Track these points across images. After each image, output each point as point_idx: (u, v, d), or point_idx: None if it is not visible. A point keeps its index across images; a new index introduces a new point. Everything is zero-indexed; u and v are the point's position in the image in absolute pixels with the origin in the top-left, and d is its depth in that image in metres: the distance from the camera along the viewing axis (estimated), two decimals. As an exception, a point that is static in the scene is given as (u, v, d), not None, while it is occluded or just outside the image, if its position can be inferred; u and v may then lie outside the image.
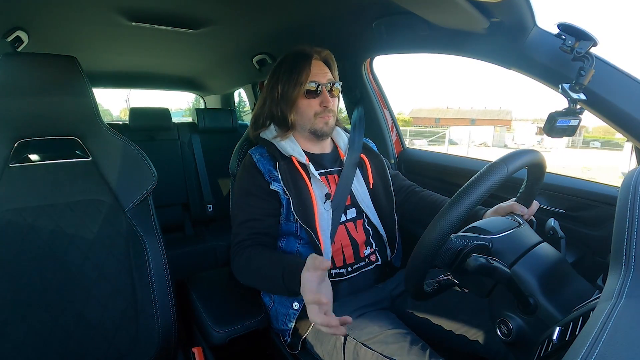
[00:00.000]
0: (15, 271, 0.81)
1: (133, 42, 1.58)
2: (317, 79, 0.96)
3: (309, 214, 0.92)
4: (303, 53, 0.98)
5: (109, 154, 0.95)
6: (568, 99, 0.71)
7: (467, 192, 0.58)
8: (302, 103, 0.97)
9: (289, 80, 0.95)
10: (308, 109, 0.97)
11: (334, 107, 0.99)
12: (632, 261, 0.45)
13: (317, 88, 0.95)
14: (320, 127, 0.98)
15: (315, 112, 0.97)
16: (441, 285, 0.68)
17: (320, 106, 0.96)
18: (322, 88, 0.96)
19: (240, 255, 0.90)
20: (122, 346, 0.89)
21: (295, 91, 0.95)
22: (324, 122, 0.98)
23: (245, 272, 0.89)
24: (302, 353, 0.92)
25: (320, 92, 0.96)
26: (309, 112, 0.97)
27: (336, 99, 1.01)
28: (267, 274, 0.83)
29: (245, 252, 0.89)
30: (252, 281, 0.91)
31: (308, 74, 0.94)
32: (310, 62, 0.96)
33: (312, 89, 0.95)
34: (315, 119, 0.97)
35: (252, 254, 0.88)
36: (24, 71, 0.83)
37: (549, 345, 0.54)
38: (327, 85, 0.97)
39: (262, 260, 0.86)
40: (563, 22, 0.72)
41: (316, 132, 0.99)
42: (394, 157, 1.53)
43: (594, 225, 0.94)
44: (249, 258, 0.88)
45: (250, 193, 0.94)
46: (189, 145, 2.20)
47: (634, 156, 0.83)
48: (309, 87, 0.95)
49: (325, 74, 0.98)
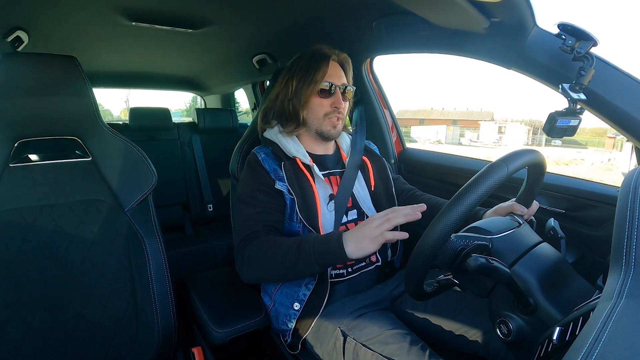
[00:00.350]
0: (15, 271, 0.81)
1: (133, 42, 1.58)
2: (332, 79, 0.96)
3: (313, 214, 0.92)
4: (321, 52, 0.98)
5: (109, 154, 0.95)
6: (568, 99, 0.71)
7: (467, 192, 0.58)
8: (314, 101, 0.97)
9: (305, 77, 0.96)
10: (319, 108, 0.97)
11: (344, 110, 0.99)
12: (632, 261, 0.45)
13: (330, 88, 0.96)
14: (327, 129, 0.98)
15: (325, 113, 0.97)
16: (441, 285, 0.68)
17: (331, 107, 0.97)
18: (336, 89, 0.96)
19: (252, 244, 0.85)
20: (122, 346, 0.89)
21: (309, 88, 0.95)
22: (331, 125, 0.98)
23: (261, 259, 0.83)
24: (302, 353, 0.92)
25: (334, 92, 0.96)
26: (319, 111, 0.97)
27: (347, 102, 1.01)
28: (292, 251, 0.79)
29: (259, 239, 0.86)
30: (268, 269, 0.84)
31: (324, 74, 0.95)
32: (328, 62, 0.96)
33: (326, 89, 0.95)
34: (324, 119, 0.97)
35: (268, 238, 0.85)
36: (24, 71, 0.83)
37: (549, 345, 0.54)
38: (340, 87, 0.97)
39: (282, 240, 0.83)
40: (563, 22, 0.72)
41: (322, 134, 0.99)
42: (394, 157, 1.53)
43: (594, 225, 0.94)
44: (265, 242, 0.84)
45: (257, 189, 0.94)
46: (189, 145, 2.20)
47: (634, 156, 0.83)
48: (323, 87, 0.95)
49: (340, 76, 0.98)
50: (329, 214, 0.94)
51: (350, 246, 0.73)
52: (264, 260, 0.83)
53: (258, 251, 0.84)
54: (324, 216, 0.93)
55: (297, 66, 0.98)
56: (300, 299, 0.91)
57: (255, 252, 0.84)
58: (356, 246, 0.73)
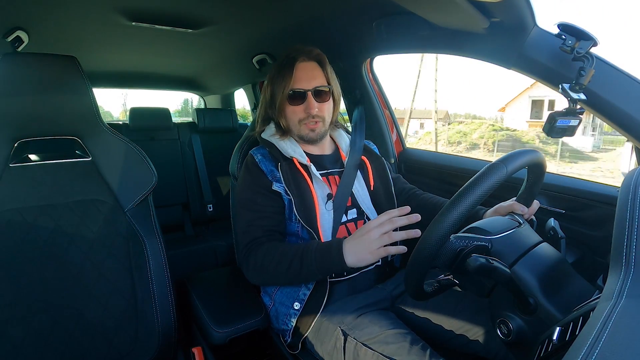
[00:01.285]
0: (15, 271, 0.81)
1: (133, 42, 1.58)
2: (300, 84, 0.93)
3: (311, 214, 0.91)
4: (290, 56, 0.95)
5: (109, 153, 0.95)
6: (568, 99, 0.71)
7: (467, 192, 0.58)
8: (288, 109, 0.96)
9: (276, 84, 0.95)
10: (293, 115, 0.96)
11: (321, 112, 0.96)
12: (632, 261, 0.45)
13: (297, 94, 0.93)
14: (305, 133, 0.97)
15: (299, 119, 0.96)
16: (441, 285, 0.68)
17: (304, 112, 0.95)
18: (308, 94, 0.94)
19: (256, 251, 0.88)
20: (122, 346, 0.89)
21: (279, 97, 0.95)
22: (308, 129, 0.96)
23: (265, 266, 0.86)
24: (302, 353, 0.92)
25: (305, 98, 0.94)
26: (293, 118, 0.96)
27: (326, 103, 0.98)
28: (295, 260, 0.81)
29: (263, 247, 0.88)
30: (273, 276, 0.88)
31: (290, 79, 0.93)
32: (294, 66, 0.93)
33: (295, 95, 0.94)
34: (300, 125, 0.96)
35: (272, 246, 0.87)
36: (24, 71, 0.83)
37: (549, 345, 0.54)
38: (312, 91, 0.94)
39: (285, 248, 0.85)
40: (563, 22, 0.72)
41: (303, 138, 0.98)
42: (394, 157, 1.54)
43: (594, 225, 0.94)
44: (269, 250, 0.86)
45: (256, 192, 0.94)
46: (189, 145, 2.20)
47: (634, 156, 0.83)
48: (291, 94, 0.94)
49: (311, 78, 0.95)
50: (327, 214, 0.94)
51: (350, 258, 0.76)
52: (268, 269, 0.86)
53: (262, 261, 0.86)
54: (323, 216, 0.93)
55: (273, 72, 0.97)
56: (300, 299, 0.91)
57: (260, 262, 0.87)
58: (356, 258, 0.76)
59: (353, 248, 0.76)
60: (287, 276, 0.84)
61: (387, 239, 0.73)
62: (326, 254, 0.79)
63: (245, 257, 0.90)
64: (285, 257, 0.83)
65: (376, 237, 0.73)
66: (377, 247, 0.74)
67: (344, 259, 0.76)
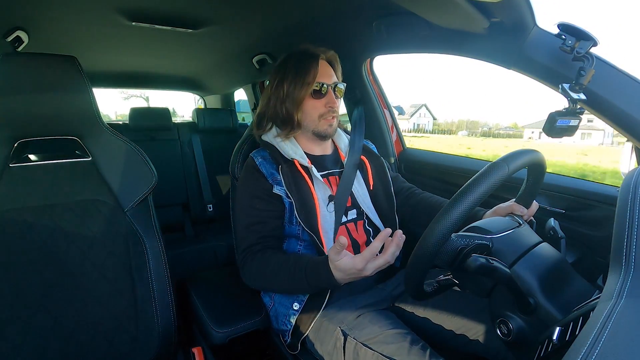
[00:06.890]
0: (15, 271, 0.81)
1: (133, 42, 1.58)
2: (324, 79, 0.95)
3: (312, 217, 0.91)
4: (310, 52, 0.97)
5: (109, 153, 0.95)
6: (568, 99, 0.71)
7: (467, 191, 0.58)
8: (308, 103, 0.96)
9: (296, 79, 0.95)
10: (313, 110, 0.97)
11: (338, 108, 0.99)
12: (632, 261, 0.45)
13: (322, 89, 0.95)
14: (324, 129, 0.98)
15: (320, 114, 0.97)
16: (441, 285, 0.68)
17: (325, 107, 0.96)
18: (329, 89, 0.96)
19: (250, 261, 0.90)
20: (122, 346, 0.89)
21: (302, 91, 0.95)
22: (327, 124, 0.98)
23: (259, 278, 0.90)
24: (302, 353, 0.92)
25: (326, 92, 0.96)
26: (313, 113, 0.97)
27: (340, 99, 1.01)
28: (287, 277, 0.83)
29: (256, 257, 0.90)
30: (268, 286, 0.93)
31: (315, 74, 0.94)
32: (318, 62, 0.96)
33: (319, 90, 0.95)
34: (319, 120, 0.97)
35: (264, 259, 0.88)
36: (24, 71, 0.83)
37: (549, 345, 0.54)
38: (332, 86, 0.97)
39: (277, 264, 0.86)
40: (563, 22, 0.72)
41: (319, 134, 0.99)
42: (394, 157, 1.54)
43: (594, 225, 0.94)
44: (261, 264, 0.88)
45: (254, 196, 0.94)
46: (189, 145, 2.20)
47: (634, 156, 0.83)
48: (316, 88, 0.95)
49: (330, 75, 0.98)
50: (328, 215, 0.94)
51: (339, 278, 0.75)
52: (263, 280, 0.90)
53: (257, 272, 0.89)
54: (324, 217, 0.93)
55: (287, 68, 0.97)
56: (300, 299, 0.91)
57: (255, 272, 0.90)
58: (345, 279, 0.75)
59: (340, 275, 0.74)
60: (281, 289, 0.92)
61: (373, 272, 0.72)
62: (316, 275, 0.79)
63: (241, 263, 0.93)
64: (277, 272, 0.85)
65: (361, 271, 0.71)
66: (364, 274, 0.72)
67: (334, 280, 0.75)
